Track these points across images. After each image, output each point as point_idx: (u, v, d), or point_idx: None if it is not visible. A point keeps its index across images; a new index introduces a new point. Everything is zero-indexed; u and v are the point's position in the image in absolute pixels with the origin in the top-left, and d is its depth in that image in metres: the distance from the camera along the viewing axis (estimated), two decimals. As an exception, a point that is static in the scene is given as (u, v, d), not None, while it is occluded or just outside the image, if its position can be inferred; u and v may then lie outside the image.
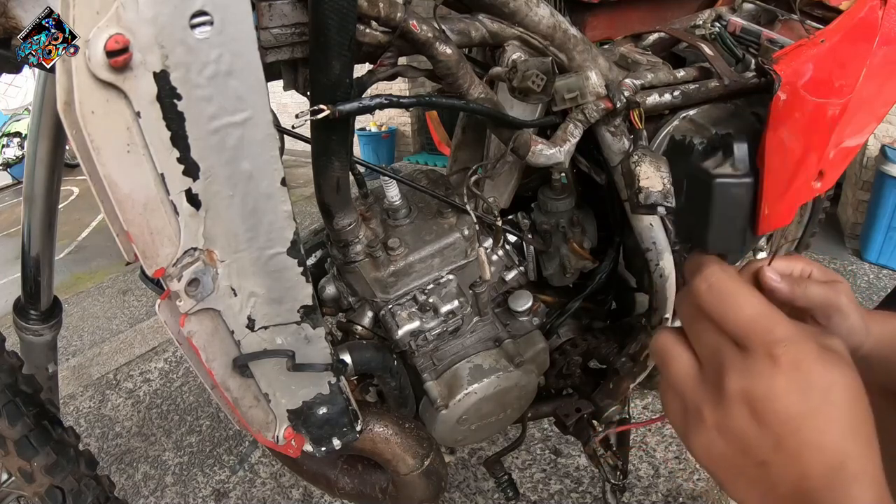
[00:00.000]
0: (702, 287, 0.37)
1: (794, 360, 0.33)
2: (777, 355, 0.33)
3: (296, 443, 0.69)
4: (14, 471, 0.77)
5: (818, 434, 0.32)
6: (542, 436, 1.67)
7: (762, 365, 0.34)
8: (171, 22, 0.39)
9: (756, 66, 0.82)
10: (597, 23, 0.84)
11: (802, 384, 0.33)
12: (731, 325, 0.35)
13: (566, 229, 0.87)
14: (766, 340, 0.34)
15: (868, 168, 2.55)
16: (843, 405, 0.33)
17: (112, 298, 3.11)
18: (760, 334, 0.34)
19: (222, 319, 0.55)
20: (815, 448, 0.32)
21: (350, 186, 0.69)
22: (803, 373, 0.33)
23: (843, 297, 0.47)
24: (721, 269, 0.38)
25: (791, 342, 0.34)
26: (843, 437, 0.33)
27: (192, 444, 1.86)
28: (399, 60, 0.59)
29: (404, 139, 5.54)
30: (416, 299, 0.79)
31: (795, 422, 0.33)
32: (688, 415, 0.37)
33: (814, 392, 0.33)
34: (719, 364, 0.35)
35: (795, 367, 0.33)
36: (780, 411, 0.33)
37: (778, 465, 0.33)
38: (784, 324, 0.35)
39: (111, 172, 0.42)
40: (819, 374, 0.33)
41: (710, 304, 0.36)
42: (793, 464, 0.33)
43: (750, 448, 0.34)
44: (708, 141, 0.76)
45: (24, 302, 0.94)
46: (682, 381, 0.37)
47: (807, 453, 0.32)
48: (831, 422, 0.33)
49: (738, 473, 0.35)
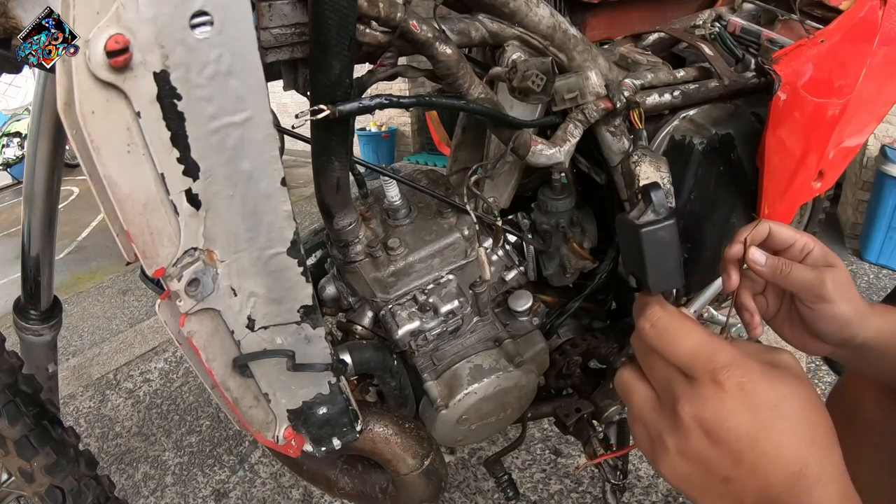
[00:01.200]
0: (646, 326, 0.41)
1: (737, 382, 0.35)
2: (721, 380, 0.36)
3: (296, 443, 0.69)
4: (14, 471, 0.77)
5: (773, 446, 0.34)
6: (542, 436, 1.67)
7: (708, 390, 0.36)
8: (171, 22, 0.39)
9: (756, 66, 0.82)
10: (597, 23, 0.84)
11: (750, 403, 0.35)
12: (675, 358, 0.38)
13: (566, 229, 0.87)
14: (708, 368, 0.36)
15: (868, 168, 2.55)
16: (794, 416, 0.35)
17: (112, 298, 3.11)
18: (702, 362, 0.37)
19: (222, 319, 0.55)
20: (773, 459, 0.34)
21: (350, 186, 0.69)
22: (748, 392, 0.35)
23: (828, 284, 0.48)
24: (661, 308, 0.41)
25: (733, 365, 0.36)
26: (799, 445, 0.34)
27: (192, 444, 1.86)
28: (399, 60, 0.59)
29: (404, 139, 5.54)
30: (416, 299, 0.79)
31: (749, 438, 0.35)
32: (652, 442, 0.40)
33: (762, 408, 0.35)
34: (672, 394, 0.38)
35: (741, 388, 0.35)
36: (731, 430, 0.35)
37: (740, 479, 0.35)
38: (725, 349, 0.37)
39: (111, 172, 0.42)
40: (765, 390, 0.35)
41: (655, 341, 0.40)
42: (754, 476, 0.35)
43: (711, 467, 0.36)
44: (708, 141, 0.76)
45: (24, 302, 0.94)
46: (643, 412, 0.41)
47: (766, 465, 0.34)
48: (784, 433, 0.35)
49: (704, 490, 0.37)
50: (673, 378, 0.39)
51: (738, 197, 0.85)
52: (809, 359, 1.94)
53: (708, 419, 0.36)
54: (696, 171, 0.77)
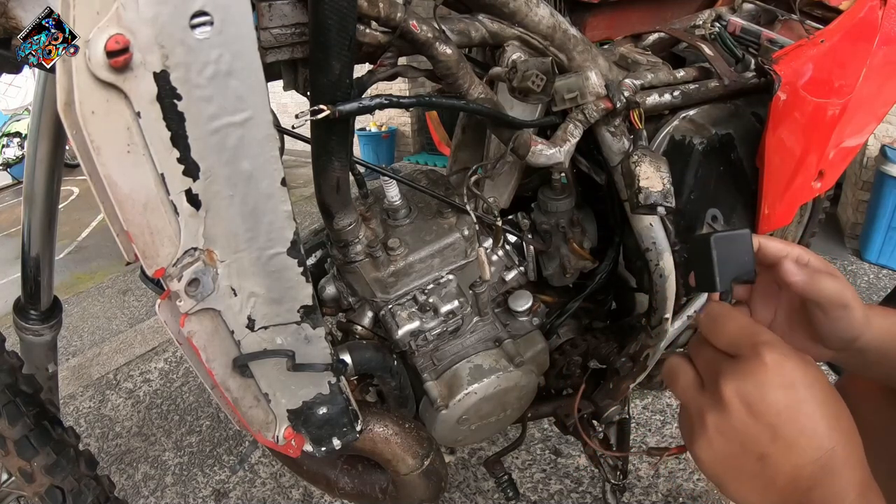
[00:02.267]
0: (702, 318, 0.45)
1: (778, 357, 0.38)
2: (762, 354, 0.38)
3: (296, 443, 0.69)
4: (14, 471, 0.77)
5: (811, 422, 0.37)
6: (542, 436, 1.67)
7: (751, 364, 0.39)
8: (171, 22, 0.39)
9: (756, 66, 0.82)
10: (597, 23, 0.84)
11: (788, 378, 0.37)
12: (722, 339, 0.42)
13: (566, 229, 0.87)
14: (751, 343, 0.40)
15: (868, 168, 2.55)
16: (825, 399, 0.38)
17: (112, 298, 3.11)
18: (747, 339, 0.40)
19: (222, 319, 0.55)
20: (810, 435, 0.36)
21: (350, 186, 0.69)
22: (788, 369, 0.38)
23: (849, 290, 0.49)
24: (716, 303, 0.46)
25: (775, 343, 0.39)
26: (829, 426, 0.37)
27: (192, 444, 1.86)
28: (399, 60, 0.59)
29: (404, 139, 5.54)
30: (416, 299, 0.79)
31: (788, 412, 0.37)
32: (692, 423, 0.41)
33: (799, 386, 0.37)
34: (716, 372, 0.41)
35: (780, 364, 0.38)
36: (772, 404, 0.37)
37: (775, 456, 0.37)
38: (766, 331, 0.41)
39: (111, 172, 0.42)
40: (802, 371, 0.38)
41: (706, 328, 0.44)
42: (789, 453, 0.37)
43: (748, 442, 0.38)
44: (708, 141, 0.76)
45: (24, 302, 0.94)
46: (686, 392, 0.43)
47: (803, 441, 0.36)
48: (818, 411, 0.37)
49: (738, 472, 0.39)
50: (718, 359, 0.41)
51: (738, 197, 0.85)
52: (809, 359, 1.94)
53: (749, 392, 0.37)
54: (696, 171, 0.77)
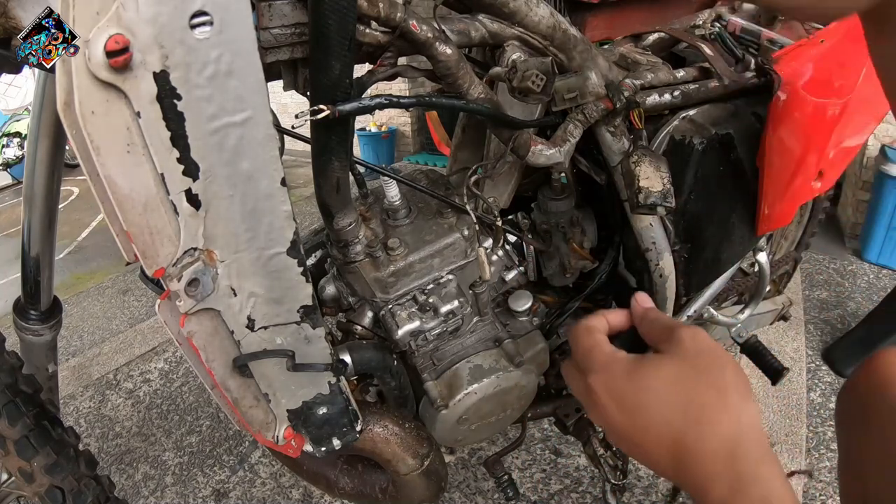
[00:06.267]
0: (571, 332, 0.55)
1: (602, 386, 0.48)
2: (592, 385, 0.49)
3: (296, 443, 0.69)
4: (14, 471, 0.77)
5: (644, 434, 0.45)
6: (542, 436, 1.67)
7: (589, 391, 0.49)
8: (170, 22, 0.39)
9: (756, 66, 0.82)
10: (597, 23, 0.84)
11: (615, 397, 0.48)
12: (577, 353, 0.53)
13: (566, 229, 0.87)
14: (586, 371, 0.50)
15: (868, 168, 2.55)
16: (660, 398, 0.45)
17: (112, 298, 3.11)
18: (583, 367, 0.51)
19: (222, 319, 0.55)
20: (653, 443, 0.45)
21: (350, 186, 0.69)
22: (612, 389, 0.48)
23: None
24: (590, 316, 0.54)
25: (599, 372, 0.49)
26: (673, 418, 0.44)
27: (192, 444, 1.86)
28: (399, 60, 0.59)
29: (404, 139, 5.54)
30: (416, 299, 0.79)
31: (625, 431, 0.46)
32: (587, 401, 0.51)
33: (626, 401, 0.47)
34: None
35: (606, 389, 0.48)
36: (614, 427, 0.47)
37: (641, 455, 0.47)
38: (595, 361, 0.50)
39: (111, 172, 0.42)
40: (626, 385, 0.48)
41: (570, 340, 0.54)
42: (646, 458, 0.46)
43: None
44: (708, 141, 0.76)
45: (24, 302, 0.94)
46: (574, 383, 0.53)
47: (648, 449, 0.45)
48: (651, 416, 0.45)
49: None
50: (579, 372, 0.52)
51: (737, 197, 0.85)
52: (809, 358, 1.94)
53: (596, 416, 0.49)
54: (696, 171, 0.77)
